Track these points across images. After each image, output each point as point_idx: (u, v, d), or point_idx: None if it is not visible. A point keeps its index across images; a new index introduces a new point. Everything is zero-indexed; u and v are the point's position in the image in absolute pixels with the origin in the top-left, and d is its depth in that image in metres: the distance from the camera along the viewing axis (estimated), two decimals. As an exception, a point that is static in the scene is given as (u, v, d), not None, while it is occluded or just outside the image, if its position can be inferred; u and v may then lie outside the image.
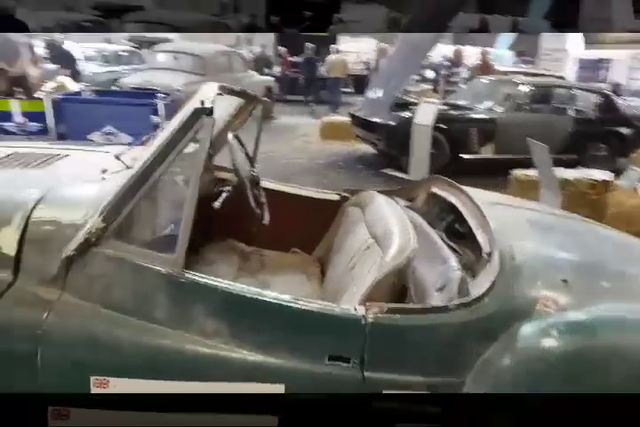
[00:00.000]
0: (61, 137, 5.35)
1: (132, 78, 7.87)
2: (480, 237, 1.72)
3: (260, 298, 1.35)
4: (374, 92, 6.88)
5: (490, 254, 1.61)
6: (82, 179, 1.60)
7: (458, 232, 2.07)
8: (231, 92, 1.99)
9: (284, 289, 2.24)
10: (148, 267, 1.33)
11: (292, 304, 1.35)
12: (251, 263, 2.44)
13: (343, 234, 2.29)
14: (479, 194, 2.19)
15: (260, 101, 2.35)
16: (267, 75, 10.67)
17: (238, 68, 8.97)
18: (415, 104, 6.32)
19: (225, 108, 2.37)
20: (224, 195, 2.12)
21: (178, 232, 1.34)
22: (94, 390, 1.27)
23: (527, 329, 1.41)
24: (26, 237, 1.37)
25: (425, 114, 5.86)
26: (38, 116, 5.51)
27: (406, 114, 6.09)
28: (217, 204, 1.99)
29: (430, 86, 9.34)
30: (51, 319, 1.28)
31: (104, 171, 1.62)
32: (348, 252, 2.04)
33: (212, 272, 2.23)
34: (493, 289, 1.45)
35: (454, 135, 6.08)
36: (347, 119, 7.21)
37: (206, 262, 2.27)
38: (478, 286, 1.50)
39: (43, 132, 5.58)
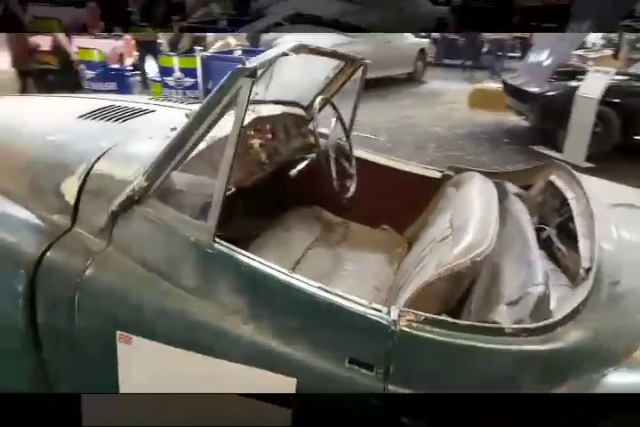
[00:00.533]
0: (208, 93, 5.71)
1: (286, 38, 8.01)
2: (582, 246, 1.36)
3: (286, 281, 1.23)
4: (537, 56, 6.03)
5: (588, 271, 1.26)
6: (151, 135, 1.60)
7: (572, 233, 1.70)
8: (315, 51, 1.82)
9: (357, 267, 2.10)
10: (179, 233, 1.29)
11: (318, 293, 1.20)
12: (333, 235, 2.32)
13: (434, 217, 2.05)
14: (607, 190, 1.75)
15: (360, 63, 2.14)
16: (424, 37, 10.06)
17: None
18: (584, 72, 5.40)
19: (322, 70, 2.22)
20: (305, 162, 2.01)
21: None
22: (119, 346, 1.30)
23: (614, 379, 1.08)
24: (84, 188, 1.42)
25: (593, 84, 4.97)
26: (192, 72, 5.93)
27: (570, 83, 5.25)
28: (293, 171, 1.89)
29: (612, 51, 7.88)
30: (91, 269, 1.32)
31: (173, 129, 1.61)
32: (427, 239, 1.81)
33: (287, 238, 2.18)
34: (575, 318, 1.13)
35: (630, 112, 5.10)
36: (499, 87, 6.48)
37: (284, 227, 2.22)
38: (561, 310, 1.18)
39: (195, 87, 6.02)
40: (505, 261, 1.54)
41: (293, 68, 2.07)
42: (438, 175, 2.25)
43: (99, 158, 1.47)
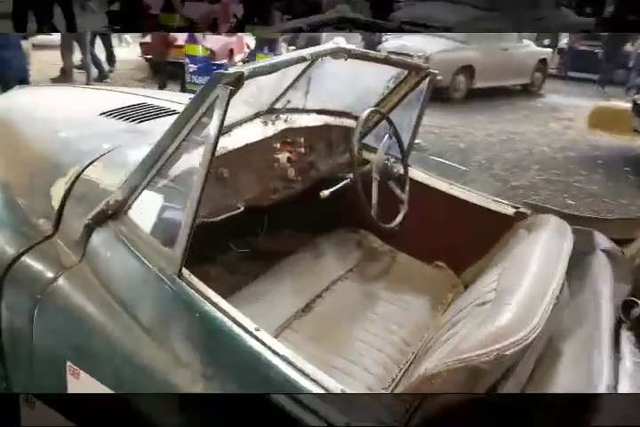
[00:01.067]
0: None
1: (392, 43, 7.71)
2: None
3: (245, 342, 0.97)
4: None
5: None
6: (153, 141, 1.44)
7: None
8: (361, 57, 1.54)
9: (391, 310, 1.76)
10: (144, 259, 1.10)
11: (279, 365, 0.93)
12: (373, 265, 2.01)
13: (494, 263, 1.67)
14: None
15: (427, 73, 1.81)
16: (546, 46, 9.16)
17: (510, 37, 7.85)
18: None
19: (382, 79, 1.93)
20: (344, 181, 1.74)
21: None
22: (69, 378, 1.15)
23: None
24: (70, 194, 1.29)
25: None
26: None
27: None
28: (325, 193, 1.63)
29: None
30: (55, 285, 1.18)
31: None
32: (474, 293, 1.45)
33: (316, 263, 1.91)
34: None
35: None
36: (628, 106, 5.62)
37: (315, 253, 1.96)
38: None
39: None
40: (566, 342, 1.16)
41: (352, 74, 1.81)
42: (511, 212, 1.86)
43: (92, 161, 1.33)
